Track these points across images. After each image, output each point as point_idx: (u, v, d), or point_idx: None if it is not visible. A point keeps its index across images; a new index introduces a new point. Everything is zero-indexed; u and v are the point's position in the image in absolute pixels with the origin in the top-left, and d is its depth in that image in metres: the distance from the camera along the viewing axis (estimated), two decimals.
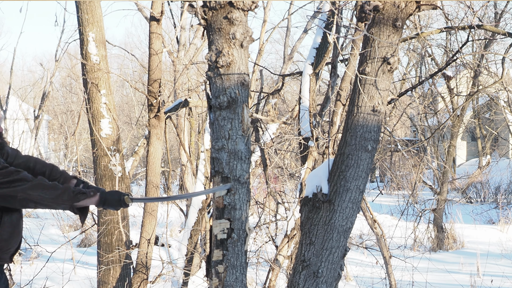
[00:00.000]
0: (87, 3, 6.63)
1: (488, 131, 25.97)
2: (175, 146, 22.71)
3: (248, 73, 2.86)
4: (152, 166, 7.15)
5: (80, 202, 2.90)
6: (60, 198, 2.87)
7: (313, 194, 3.18)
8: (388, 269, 6.71)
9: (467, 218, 15.75)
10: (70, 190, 2.92)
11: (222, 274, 2.83)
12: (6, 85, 25.06)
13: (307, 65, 6.00)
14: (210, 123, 2.86)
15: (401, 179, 20.98)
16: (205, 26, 2.82)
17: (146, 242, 6.95)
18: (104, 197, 2.94)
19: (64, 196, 2.88)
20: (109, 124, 6.79)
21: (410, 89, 5.84)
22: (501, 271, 9.99)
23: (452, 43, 17.15)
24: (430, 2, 3.02)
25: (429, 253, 11.93)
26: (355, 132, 3.08)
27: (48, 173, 3.16)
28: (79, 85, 20.59)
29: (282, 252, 5.91)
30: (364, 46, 3.11)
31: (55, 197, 2.87)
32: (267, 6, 9.42)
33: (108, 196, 2.95)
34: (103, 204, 2.95)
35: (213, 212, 2.90)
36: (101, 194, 2.95)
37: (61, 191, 2.88)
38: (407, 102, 18.47)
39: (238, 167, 2.82)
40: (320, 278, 3.13)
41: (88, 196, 2.92)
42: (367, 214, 6.45)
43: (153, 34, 7.05)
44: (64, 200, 2.87)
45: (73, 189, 2.93)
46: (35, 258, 11.30)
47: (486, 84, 17.69)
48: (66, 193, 2.89)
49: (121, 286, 6.77)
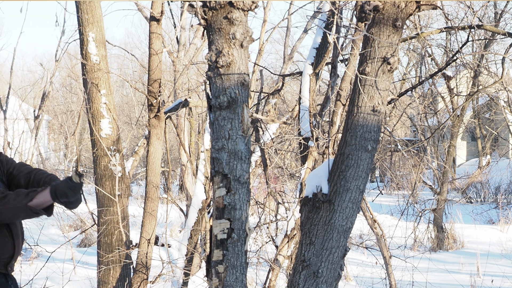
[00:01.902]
0: (87, 3, 6.63)
1: (488, 131, 25.97)
2: (175, 146, 22.71)
3: (248, 73, 2.86)
4: (152, 166, 7.15)
5: (34, 200, 2.86)
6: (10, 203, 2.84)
7: (313, 194, 3.18)
8: (388, 269, 6.71)
9: (467, 218, 15.75)
10: (21, 192, 2.90)
11: (222, 274, 2.83)
12: (6, 85, 25.06)
13: (307, 65, 6.00)
14: (210, 123, 2.86)
15: (401, 179, 20.98)
16: (205, 26, 2.82)
17: (146, 242, 6.95)
18: (53, 188, 2.89)
19: (15, 200, 2.85)
20: (109, 124, 6.79)
21: (410, 89, 5.84)
22: (501, 271, 9.99)
23: (452, 43, 17.16)
24: (430, 2, 3.02)
25: (429, 253, 11.93)
26: (355, 132, 3.08)
27: (42, 181, 3.13)
28: (79, 85, 20.61)
29: (282, 252, 5.91)
30: (364, 46, 3.11)
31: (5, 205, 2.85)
32: (267, 6, 9.42)
33: (58, 186, 2.89)
34: (55, 195, 2.88)
35: (213, 212, 2.90)
36: (50, 187, 2.90)
37: (12, 195, 2.86)
38: (407, 102, 18.49)
39: (238, 167, 2.82)
40: (320, 278, 3.13)
41: (38, 192, 2.88)
42: (367, 214, 6.45)
43: (153, 34, 7.05)
44: (16, 205, 2.84)
45: (23, 191, 2.91)
46: (35, 258, 11.31)
47: (486, 84, 17.70)
48: (17, 197, 2.86)
49: (121, 286, 6.76)
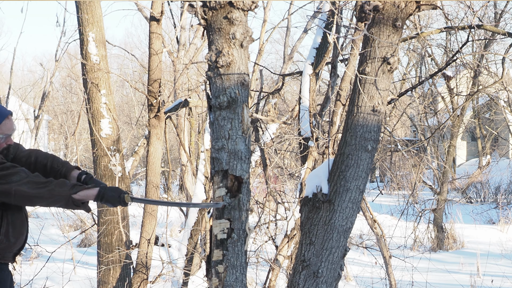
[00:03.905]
0: (87, 3, 6.63)
1: (488, 131, 25.97)
2: (175, 146, 22.70)
3: (248, 73, 2.86)
4: (152, 166, 7.15)
5: (77, 194, 2.83)
6: (55, 191, 2.81)
7: (313, 194, 3.18)
8: (388, 269, 6.71)
9: (467, 218, 15.75)
10: (66, 182, 2.87)
11: (222, 274, 2.83)
12: (6, 85, 25.05)
13: (307, 65, 6.00)
14: (210, 123, 2.86)
15: (401, 179, 20.97)
16: (205, 26, 2.82)
17: (146, 242, 6.95)
18: (103, 192, 2.87)
19: (61, 188, 2.81)
20: (109, 124, 6.79)
21: (410, 89, 5.84)
22: (501, 271, 9.99)
23: (452, 43, 17.17)
24: (430, 2, 3.02)
25: (429, 253, 11.93)
26: (355, 132, 3.08)
27: (49, 165, 3.10)
28: (79, 85, 20.58)
29: (282, 252, 5.91)
30: (364, 46, 3.11)
31: (50, 191, 2.80)
32: (267, 6, 9.42)
33: (108, 192, 2.87)
34: (101, 199, 2.87)
35: (213, 212, 2.90)
36: (100, 189, 2.87)
37: (56, 184, 2.83)
38: (407, 102, 18.49)
39: (238, 167, 2.82)
40: (320, 278, 3.13)
41: (85, 188, 2.85)
42: (367, 214, 6.45)
43: (153, 34, 7.06)
44: (60, 193, 2.81)
45: (67, 181, 2.88)
46: (35, 258, 11.31)
47: (486, 84, 17.69)
48: (62, 186, 2.82)
49: (121, 286, 6.77)
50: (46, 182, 2.83)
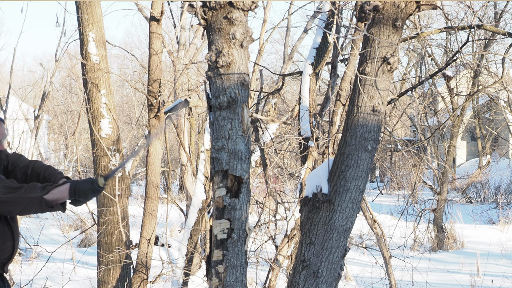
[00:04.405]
0: (87, 3, 6.63)
1: (488, 131, 25.97)
2: (175, 146, 22.70)
3: (248, 73, 2.86)
4: (152, 166, 7.15)
5: (50, 193, 2.81)
6: (26, 194, 2.80)
7: (313, 194, 3.18)
8: (388, 269, 6.71)
9: (467, 218, 15.75)
10: (37, 184, 2.86)
11: (222, 274, 2.83)
12: (6, 85, 25.05)
13: (307, 65, 6.00)
14: (210, 123, 2.86)
15: (401, 179, 20.97)
16: (205, 26, 2.82)
17: (146, 242, 6.95)
18: (74, 185, 2.85)
19: (31, 192, 2.80)
20: (109, 124, 6.79)
21: (410, 89, 5.84)
22: (501, 271, 9.99)
23: (452, 43, 17.16)
24: (430, 2, 3.02)
25: (429, 253, 11.93)
26: (355, 132, 3.08)
27: (42, 175, 3.11)
28: (79, 85, 20.57)
29: (282, 252, 5.91)
30: (364, 46, 3.11)
31: (21, 195, 2.80)
32: (267, 6, 9.42)
33: (80, 185, 2.85)
34: (75, 193, 2.85)
35: (213, 212, 2.90)
36: (71, 183, 2.86)
37: (27, 187, 2.82)
38: (407, 102, 18.47)
39: (238, 167, 2.82)
40: (320, 278, 3.13)
41: (55, 186, 2.84)
42: (367, 214, 6.45)
43: (153, 34, 7.06)
44: (31, 196, 2.79)
45: (39, 184, 2.87)
46: (35, 258, 11.31)
47: (486, 84, 17.69)
48: (32, 189, 2.82)
49: (121, 286, 6.77)
50: (17, 187, 2.83)
